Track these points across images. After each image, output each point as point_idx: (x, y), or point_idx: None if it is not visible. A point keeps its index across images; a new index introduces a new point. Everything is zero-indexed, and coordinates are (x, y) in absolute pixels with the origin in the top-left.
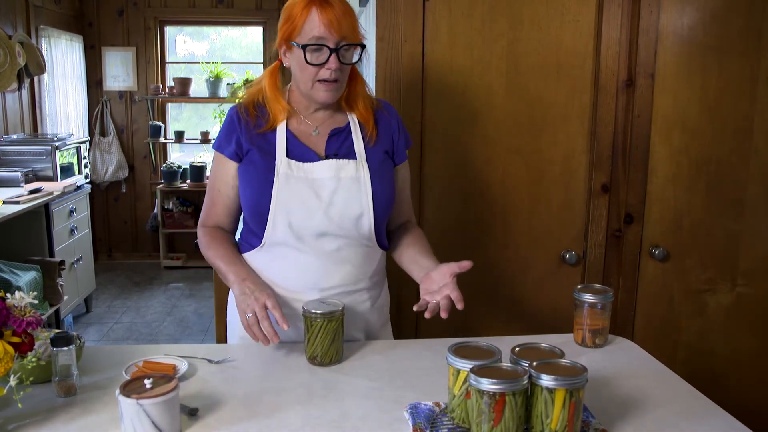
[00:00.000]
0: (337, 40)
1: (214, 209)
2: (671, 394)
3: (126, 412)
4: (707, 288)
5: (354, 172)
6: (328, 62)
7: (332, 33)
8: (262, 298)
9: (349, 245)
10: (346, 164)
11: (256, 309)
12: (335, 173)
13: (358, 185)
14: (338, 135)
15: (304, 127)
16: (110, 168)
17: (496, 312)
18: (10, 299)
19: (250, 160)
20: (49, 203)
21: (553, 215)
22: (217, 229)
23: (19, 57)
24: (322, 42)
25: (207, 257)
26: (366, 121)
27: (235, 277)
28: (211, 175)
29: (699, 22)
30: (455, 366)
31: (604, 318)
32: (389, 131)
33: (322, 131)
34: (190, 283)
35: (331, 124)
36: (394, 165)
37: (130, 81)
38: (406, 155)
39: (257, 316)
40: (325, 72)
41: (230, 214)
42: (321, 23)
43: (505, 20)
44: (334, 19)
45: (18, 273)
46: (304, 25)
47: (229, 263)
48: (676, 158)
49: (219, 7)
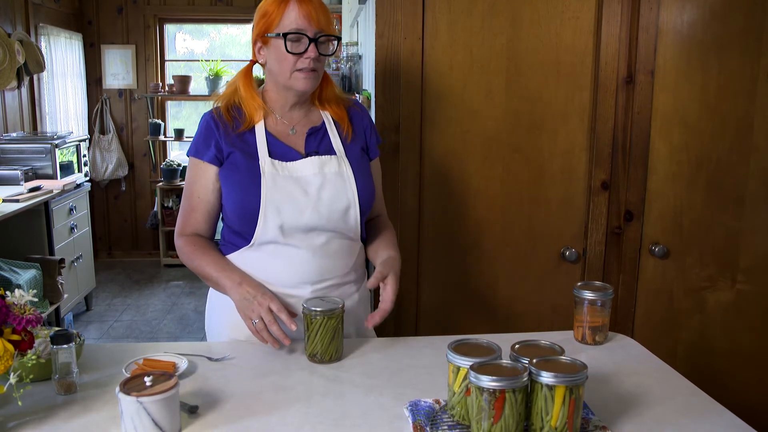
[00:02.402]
0: (315, 31)
1: (193, 216)
2: (671, 391)
3: (126, 410)
4: (707, 285)
5: (337, 168)
6: (307, 51)
7: (311, 24)
8: (266, 301)
9: (335, 238)
10: (328, 160)
11: (263, 314)
12: (319, 169)
13: (342, 180)
14: (315, 134)
15: (281, 127)
16: (110, 166)
17: (496, 309)
18: (10, 297)
19: (232, 163)
20: (48, 201)
21: (553, 213)
22: (197, 237)
23: (18, 55)
24: (302, 31)
25: (192, 267)
26: (341, 119)
27: (230, 282)
28: (187, 182)
29: (699, 19)
30: (455, 363)
31: (604, 315)
32: (362, 128)
33: (299, 130)
34: (189, 281)
35: (306, 123)
36: (369, 160)
37: (130, 79)
38: (377, 151)
39: (264, 321)
40: (305, 61)
41: (210, 220)
42: (300, 15)
43: (504, 18)
44: (312, 11)
45: (18, 271)
46: (283, 18)
47: (220, 269)
48: (676, 156)
49: (218, 5)
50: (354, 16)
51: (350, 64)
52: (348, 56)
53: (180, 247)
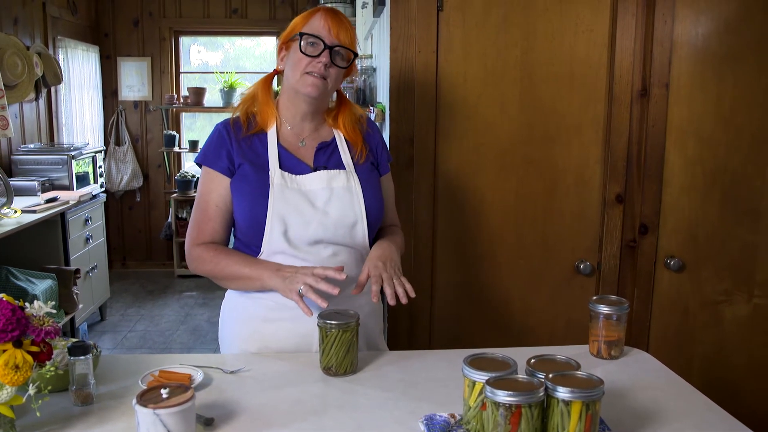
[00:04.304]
0: (333, 41)
1: (209, 225)
2: (688, 406)
3: (143, 422)
4: (723, 299)
5: (345, 182)
6: (320, 56)
7: (330, 34)
8: (308, 270)
9: (343, 251)
10: (337, 174)
11: (307, 279)
12: (327, 184)
13: (350, 194)
14: (325, 149)
15: (291, 138)
16: (125, 177)
17: (509, 322)
18: (29, 308)
19: (243, 175)
20: (65, 212)
21: (567, 225)
22: (215, 243)
23: (36, 67)
24: (319, 36)
25: (217, 270)
26: (355, 143)
27: (268, 271)
28: (201, 190)
29: (714, 31)
30: (471, 377)
31: (619, 330)
32: (374, 145)
33: (308, 143)
34: (203, 292)
35: (316, 137)
36: (379, 175)
37: (145, 91)
38: (388, 167)
39: (310, 285)
40: (316, 65)
41: (227, 228)
42: (322, 24)
43: (518, 30)
44: (334, 25)
45: (34, 281)
46: (307, 24)
47: (253, 264)
48: (690, 168)
49: (233, 17)
50: (368, 29)
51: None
52: (362, 69)
53: (198, 255)
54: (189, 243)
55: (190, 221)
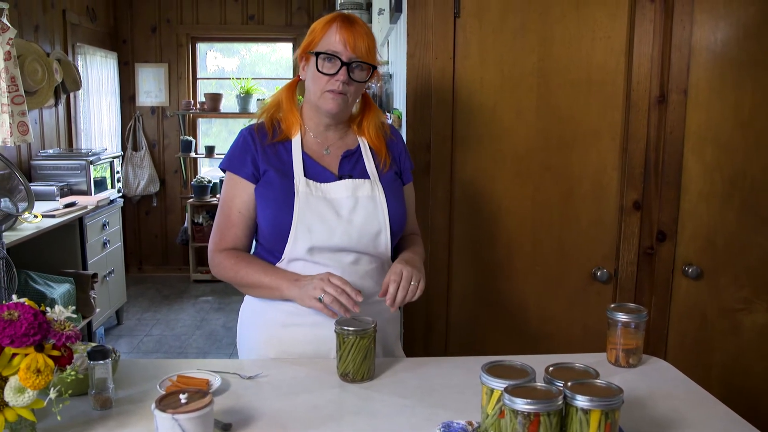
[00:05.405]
0: (350, 56)
1: (232, 230)
2: (707, 415)
3: (161, 427)
4: (742, 307)
5: (369, 191)
6: (337, 74)
7: (346, 49)
8: (325, 276)
9: (364, 258)
10: (362, 184)
11: (325, 287)
12: (352, 192)
13: (374, 204)
14: (350, 157)
15: (315, 146)
16: (142, 182)
17: (526, 328)
18: (50, 313)
19: (268, 181)
20: (83, 217)
21: (584, 232)
22: (237, 250)
23: (56, 74)
24: (336, 54)
25: (237, 278)
26: (379, 150)
27: (287, 281)
28: (225, 196)
29: (733, 37)
30: (489, 385)
31: (638, 338)
32: (397, 154)
33: (333, 152)
34: (219, 297)
35: (341, 146)
36: (402, 184)
37: (162, 96)
38: (411, 176)
39: (330, 294)
40: (334, 83)
41: (250, 234)
42: (338, 39)
43: (535, 37)
44: (350, 38)
45: (52, 285)
46: (323, 38)
47: (273, 273)
48: (709, 175)
49: (249, 23)
50: (385, 36)
51: (381, 83)
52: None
53: (220, 261)
54: (211, 248)
55: (213, 226)
